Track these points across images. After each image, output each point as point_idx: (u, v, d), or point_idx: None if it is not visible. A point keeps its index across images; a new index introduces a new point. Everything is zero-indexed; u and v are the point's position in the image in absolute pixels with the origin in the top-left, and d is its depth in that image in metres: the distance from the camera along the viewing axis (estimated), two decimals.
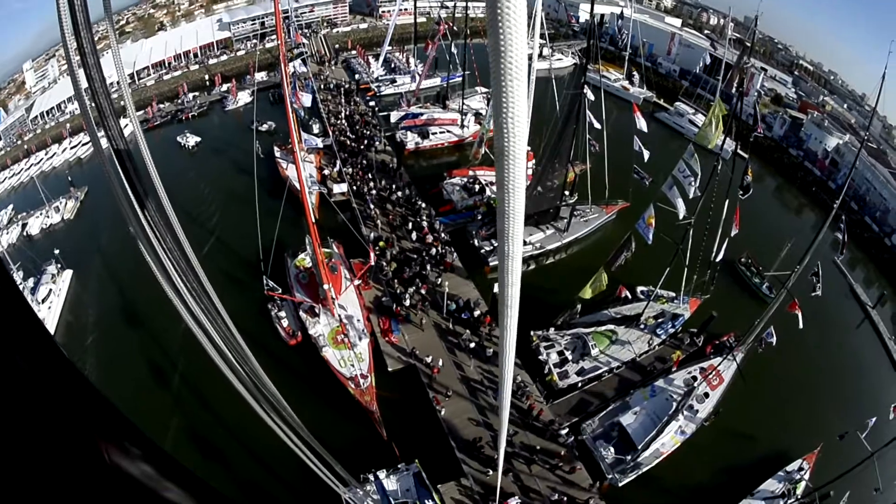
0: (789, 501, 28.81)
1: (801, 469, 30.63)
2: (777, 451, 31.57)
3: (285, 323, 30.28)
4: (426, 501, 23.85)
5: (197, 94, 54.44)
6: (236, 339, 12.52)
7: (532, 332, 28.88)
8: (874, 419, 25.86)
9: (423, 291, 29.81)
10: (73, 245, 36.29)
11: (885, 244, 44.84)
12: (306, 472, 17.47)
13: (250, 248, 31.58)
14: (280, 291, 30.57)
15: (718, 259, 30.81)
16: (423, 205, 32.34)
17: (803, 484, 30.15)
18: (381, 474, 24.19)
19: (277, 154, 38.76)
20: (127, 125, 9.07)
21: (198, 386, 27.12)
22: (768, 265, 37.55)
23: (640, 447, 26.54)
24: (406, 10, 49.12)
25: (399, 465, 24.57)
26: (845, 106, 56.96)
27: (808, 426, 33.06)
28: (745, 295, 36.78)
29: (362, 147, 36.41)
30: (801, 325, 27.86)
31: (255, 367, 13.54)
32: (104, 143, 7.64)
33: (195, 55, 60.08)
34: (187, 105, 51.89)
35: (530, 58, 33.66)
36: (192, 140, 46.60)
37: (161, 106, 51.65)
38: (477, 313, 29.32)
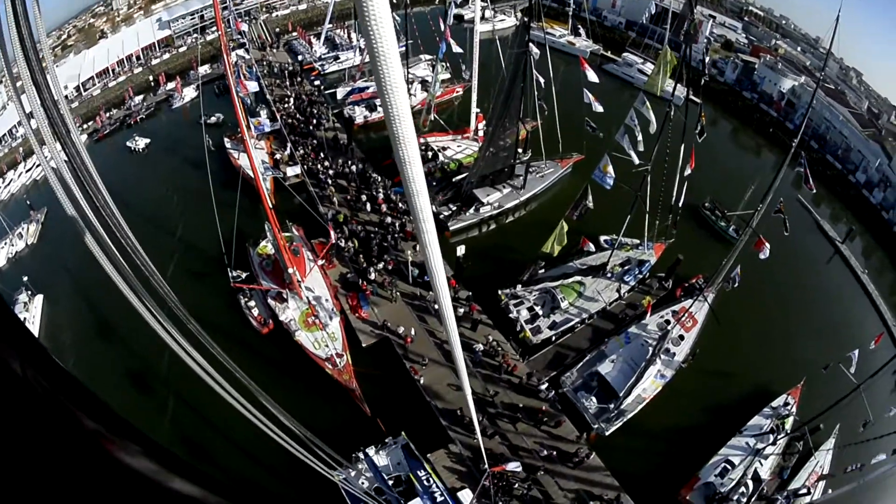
0: (779, 437, 29.33)
1: (786, 404, 31.18)
2: (760, 388, 32.10)
3: (256, 312, 29.79)
4: (418, 472, 23.78)
5: (143, 96, 52.87)
6: (209, 340, 12.27)
7: (500, 291, 28.80)
8: (857, 351, 26.17)
9: (389, 267, 29.45)
10: (40, 269, 34.97)
11: (850, 181, 45.61)
12: (300, 459, 17.29)
13: (212, 242, 30.94)
14: (246, 281, 30.11)
15: (680, 203, 30.96)
16: (378, 177, 31.88)
17: (791, 419, 30.70)
18: (371, 451, 24.09)
19: (228, 145, 37.83)
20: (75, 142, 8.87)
21: (181, 390, 26.47)
22: (732, 208, 37.97)
23: (621, 394, 26.78)
24: None
25: (387, 440, 24.48)
26: (799, 49, 57.41)
27: (789, 361, 33.70)
28: (711, 238, 37.17)
29: (311, 127, 35.74)
30: (768, 254, 28.24)
31: (232, 365, 13.26)
32: (53, 162, 7.49)
33: (138, 58, 58.23)
34: (134, 109, 50.44)
35: (472, 21, 33.27)
36: (141, 143, 45.27)
37: (109, 114, 50.13)
38: None
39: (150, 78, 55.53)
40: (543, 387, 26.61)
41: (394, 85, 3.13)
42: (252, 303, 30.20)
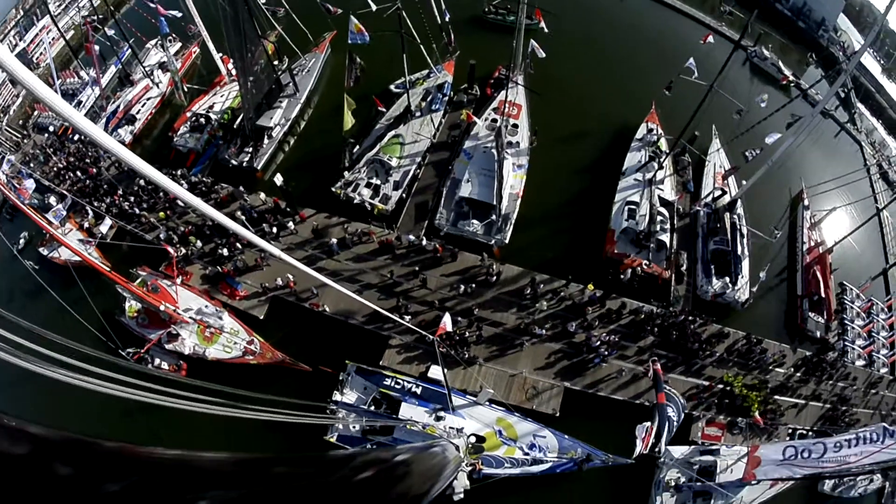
0: (662, 160, 30.49)
1: (650, 131, 32.33)
2: (616, 130, 33.28)
3: (165, 365, 28.89)
4: (384, 382, 24.03)
5: None
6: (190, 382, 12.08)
7: (332, 188, 28.51)
8: (692, 59, 26.76)
9: (238, 244, 28.67)
10: None
11: None
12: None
13: (92, 342, 29.45)
14: (139, 348, 29.17)
15: (446, 18, 30.98)
16: (175, 172, 30.69)
17: (663, 140, 31.94)
18: (337, 397, 24.09)
19: (45, 252, 35.50)
20: None
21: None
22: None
23: (495, 202, 27.28)
24: (54, 39, 44.67)
25: (340, 378, 24.53)
26: None
27: (630, 96, 34.90)
28: (505, 36, 37.35)
29: (95, 175, 33.98)
30: (544, 28, 28.60)
31: (216, 386, 12.86)
32: None
33: None
34: None
35: None
36: None
37: None
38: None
39: None
40: (423, 240, 26.90)
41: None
42: (157, 361, 29.24)
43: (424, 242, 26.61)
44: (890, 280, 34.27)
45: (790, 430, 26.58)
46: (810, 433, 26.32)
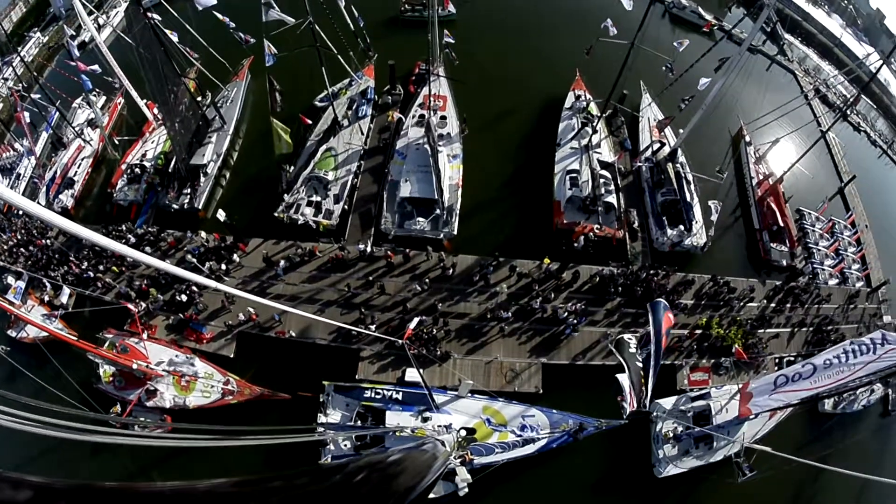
0: (595, 123, 30.62)
1: (578, 98, 32.49)
2: (544, 103, 33.42)
3: (150, 423, 28.79)
4: (364, 395, 24.01)
5: None
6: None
7: (275, 213, 28.38)
8: (608, 20, 26.94)
9: (195, 289, 28.49)
10: None
11: None
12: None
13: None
14: (123, 411, 29.08)
15: (361, 24, 31.08)
16: (120, 228, 30.53)
17: (592, 105, 32.10)
18: (321, 419, 24.03)
19: (14, 334, 35.33)
20: None
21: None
22: None
23: (436, 197, 27.34)
24: None
25: (320, 399, 24.48)
26: None
27: (553, 66, 35.00)
28: (421, 30, 37.26)
29: (45, 247, 33.72)
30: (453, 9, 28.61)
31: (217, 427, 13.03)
32: None
33: None
34: None
35: (93, 39, 31.59)
36: None
37: None
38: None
39: None
40: (370, 248, 26.88)
41: None
42: (141, 418, 29.13)
43: (370, 249, 26.60)
44: (848, 197, 34.60)
45: (777, 360, 26.73)
46: (799, 359, 26.45)
